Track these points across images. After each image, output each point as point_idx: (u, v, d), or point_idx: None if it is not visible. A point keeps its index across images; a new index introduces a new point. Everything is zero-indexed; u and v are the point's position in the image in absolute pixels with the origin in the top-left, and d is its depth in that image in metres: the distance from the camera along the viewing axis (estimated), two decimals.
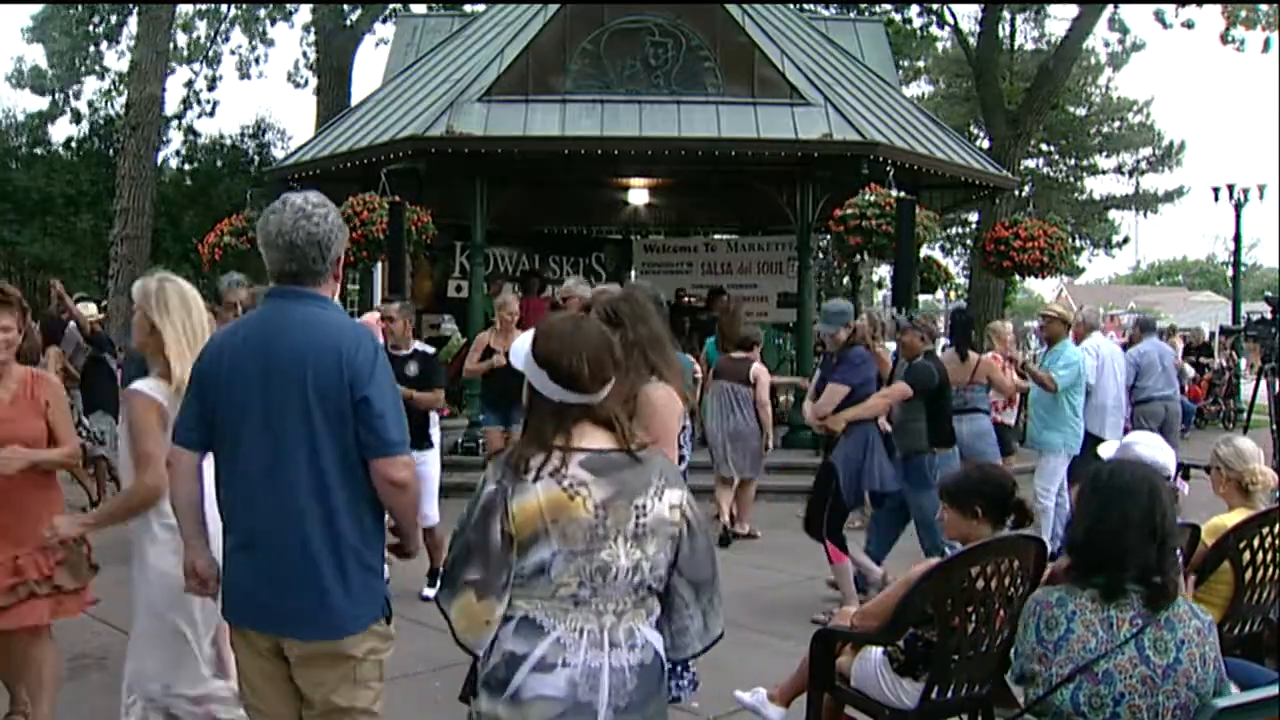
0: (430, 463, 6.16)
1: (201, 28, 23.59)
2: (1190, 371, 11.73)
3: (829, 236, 10.93)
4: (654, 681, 2.23)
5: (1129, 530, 2.58)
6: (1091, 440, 7.62)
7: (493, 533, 2.15)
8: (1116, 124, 29.94)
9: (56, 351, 8.71)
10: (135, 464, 3.20)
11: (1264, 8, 18.56)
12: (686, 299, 13.14)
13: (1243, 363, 18.72)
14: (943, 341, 8.25)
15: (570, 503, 2.14)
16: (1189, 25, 19.66)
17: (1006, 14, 22.32)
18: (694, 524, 2.29)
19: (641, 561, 2.19)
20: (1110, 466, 2.81)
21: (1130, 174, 30.83)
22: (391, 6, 20.71)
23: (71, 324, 8.73)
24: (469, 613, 2.18)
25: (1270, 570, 3.76)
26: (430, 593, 5.68)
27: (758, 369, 7.97)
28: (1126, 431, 8.29)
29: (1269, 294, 8.81)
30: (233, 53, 24.15)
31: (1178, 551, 3.51)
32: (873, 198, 9.83)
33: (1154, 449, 3.75)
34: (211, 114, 24.00)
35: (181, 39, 22.89)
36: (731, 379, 7.97)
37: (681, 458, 3.51)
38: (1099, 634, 2.54)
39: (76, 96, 23.14)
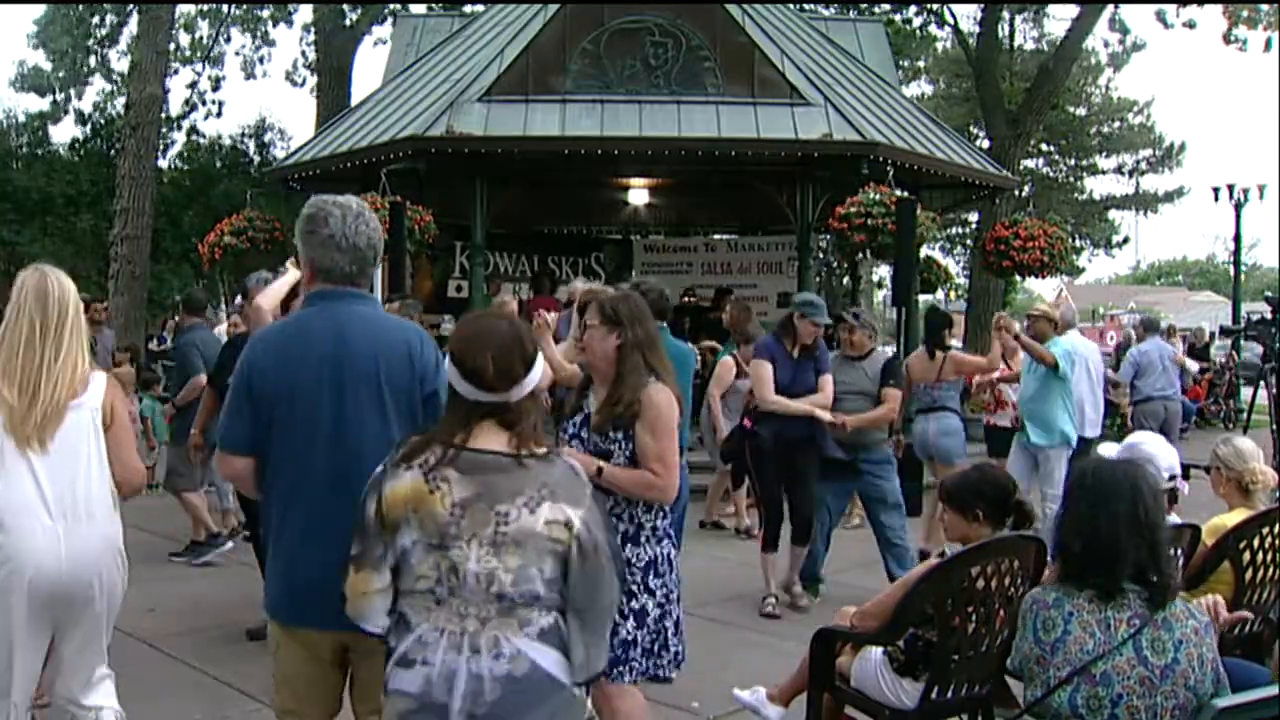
0: None
1: (204, 27, 23.61)
2: (1194, 368, 11.68)
3: (830, 235, 10.94)
4: (530, 695, 2.14)
5: (1119, 530, 2.57)
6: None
7: (369, 510, 2.23)
8: (1116, 124, 29.96)
9: None
10: None
11: (1265, 7, 18.56)
12: (688, 299, 13.12)
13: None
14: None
15: (429, 496, 2.16)
16: (1190, 25, 19.65)
17: (1006, 14, 22.32)
18: (587, 547, 2.18)
19: (498, 571, 2.13)
20: (1092, 467, 2.79)
21: (1130, 174, 30.86)
22: (391, 6, 20.71)
23: None
24: (351, 584, 2.24)
25: (1270, 570, 3.76)
26: None
27: (721, 363, 8.08)
28: (1103, 432, 8.30)
29: (1269, 294, 8.80)
30: (237, 53, 24.23)
31: (1175, 551, 3.53)
32: (877, 196, 9.83)
33: (1159, 449, 3.76)
34: (219, 114, 24.06)
35: (184, 39, 22.92)
36: None
37: (680, 452, 3.54)
38: (1096, 635, 2.53)
39: (79, 98, 23.18)
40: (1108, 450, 3.75)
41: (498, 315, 2.39)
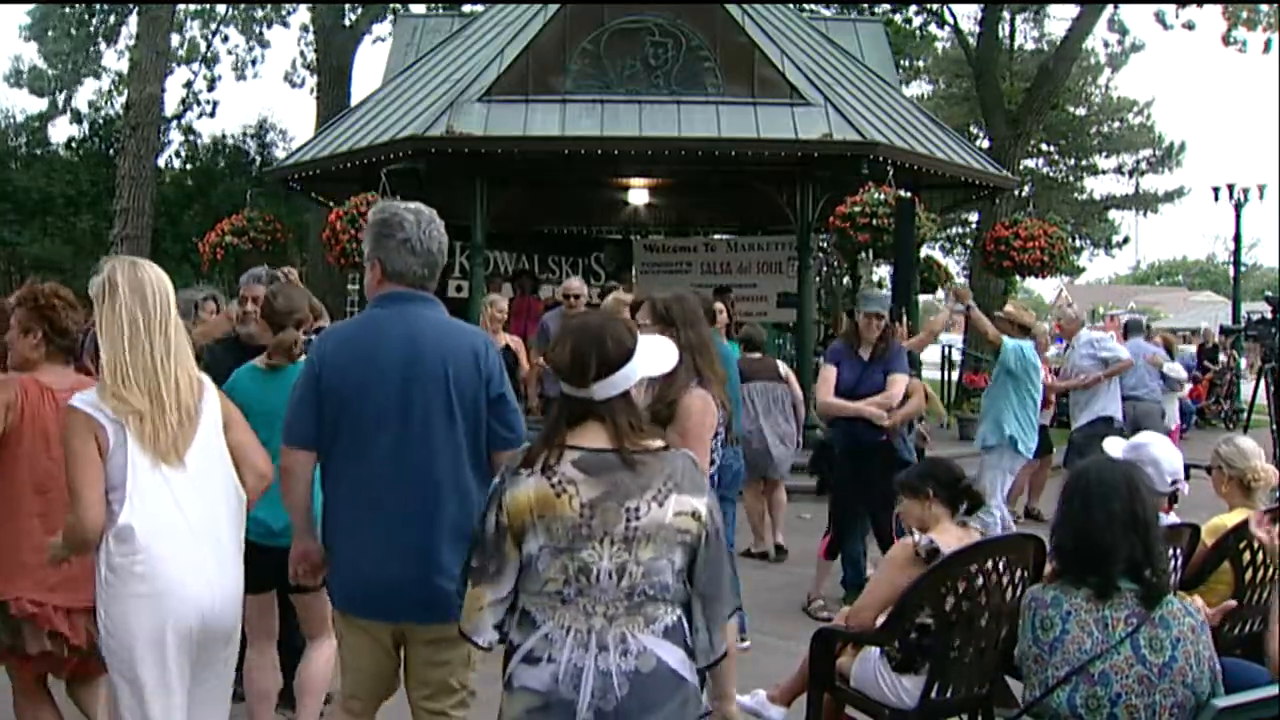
0: None
1: (195, 28, 23.59)
2: (1179, 371, 11.59)
3: (833, 234, 10.94)
4: (657, 692, 2.16)
5: (1113, 525, 2.58)
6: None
7: (489, 523, 2.24)
8: (1116, 124, 29.92)
9: None
10: (68, 494, 2.61)
11: (1264, 8, 18.55)
12: None
13: (1243, 362, 18.73)
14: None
15: (556, 500, 2.16)
16: (1189, 26, 19.63)
17: (1006, 14, 22.31)
18: (711, 534, 2.23)
19: (629, 565, 2.16)
20: (1088, 465, 2.81)
21: (1130, 174, 30.83)
22: (391, 6, 20.70)
23: None
24: (468, 599, 2.27)
25: (1270, 570, 3.76)
26: None
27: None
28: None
29: (1269, 294, 8.82)
30: (230, 53, 24.19)
31: (1175, 550, 3.53)
32: (881, 195, 9.82)
33: (1165, 453, 3.77)
34: (212, 114, 24.05)
35: (175, 39, 22.91)
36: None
37: (713, 463, 3.55)
38: (1094, 634, 2.53)
39: (91, 90, 23.21)
40: (1113, 448, 3.75)
41: (600, 314, 2.44)
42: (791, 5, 15.58)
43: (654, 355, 2.34)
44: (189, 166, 24.01)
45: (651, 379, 3.40)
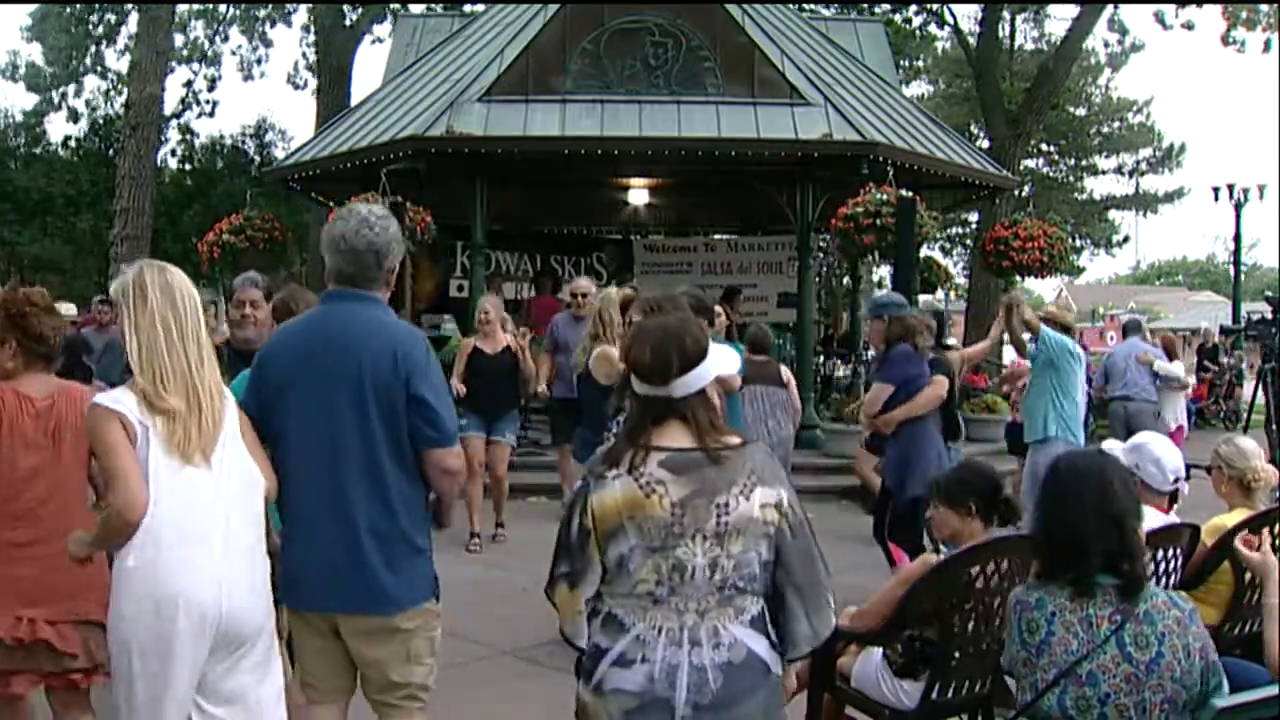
0: None
1: (199, 28, 23.61)
2: (1174, 369, 11.49)
3: (836, 236, 10.94)
4: (748, 681, 2.22)
5: (1086, 516, 2.56)
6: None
7: (573, 527, 2.27)
8: (1116, 124, 29.95)
9: None
10: (104, 484, 2.64)
11: (1264, 8, 18.55)
12: None
13: (1244, 364, 18.72)
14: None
15: (646, 500, 2.20)
16: (1189, 26, 19.65)
17: (1006, 14, 22.31)
18: (794, 524, 2.28)
19: (721, 559, 2.20)
20: (1059, 460, 2.80)
21: (1130, 174, 30.85)
22: (391, 6, 20.70)
23: None
24: (564, 604, 2.31)
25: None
26: None
27: None
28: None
29: (1269, 294, 8.81)
30: (233, 53, 24.24)
31: (1175, 550, 3.53)
32: (884, 196, 9.81)
33: (1165, 451, 3.76)
34: (211, 114, 24.07)
35: (178, 39, 22.95)
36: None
37: None
38: (1079, 635, 2.52)
39: (77, 94, 23.22)
40: (1113, 447, 3.75)
41: (676, 315, 2.47)
42: (791, 5, 15.58)
43: (721, 357, 2.38)
44: (188, 166, 24.03)
45: None
